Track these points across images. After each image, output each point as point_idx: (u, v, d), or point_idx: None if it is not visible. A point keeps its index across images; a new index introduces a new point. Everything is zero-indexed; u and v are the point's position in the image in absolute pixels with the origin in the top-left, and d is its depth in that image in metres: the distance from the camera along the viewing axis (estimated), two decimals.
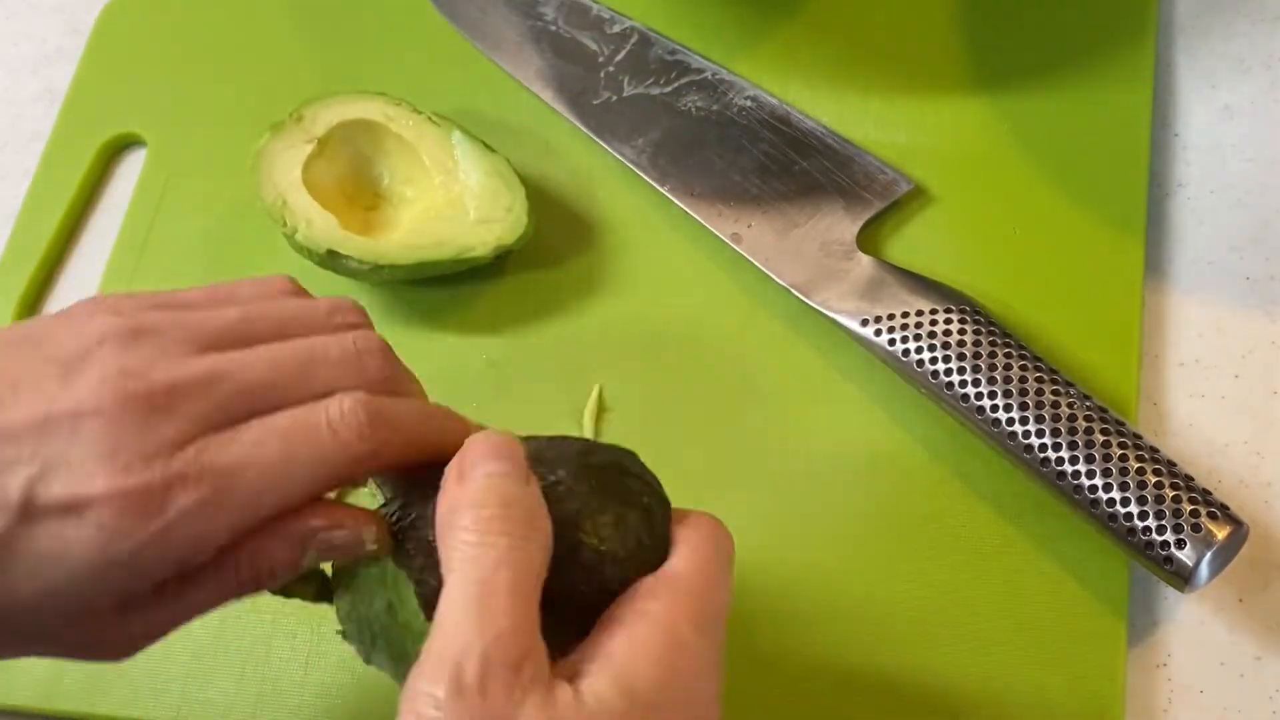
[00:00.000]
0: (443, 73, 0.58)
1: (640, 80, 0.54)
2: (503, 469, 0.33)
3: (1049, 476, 0.42)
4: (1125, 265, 0.48)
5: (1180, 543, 0.40)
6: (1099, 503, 0.41)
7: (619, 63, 0.55)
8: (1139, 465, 0.41)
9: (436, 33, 0.57)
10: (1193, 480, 0.41)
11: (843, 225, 0.49)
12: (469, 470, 0.33)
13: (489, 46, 0.56)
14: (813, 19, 0.56)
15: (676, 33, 0.55)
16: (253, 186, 0.52)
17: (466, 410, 0.38)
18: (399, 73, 0.58)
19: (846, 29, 0.55)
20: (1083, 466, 0.41)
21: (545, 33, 0.56)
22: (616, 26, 0.56)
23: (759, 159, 0.52)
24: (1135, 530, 0.40)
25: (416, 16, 0.58)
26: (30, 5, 0.67)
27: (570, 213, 0.54)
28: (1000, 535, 0.45)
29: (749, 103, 0.53)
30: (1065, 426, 0.42)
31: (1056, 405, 0.42)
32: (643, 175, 0.52)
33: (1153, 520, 0.40)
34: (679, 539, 0.35)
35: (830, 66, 0.55)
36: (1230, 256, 0.49)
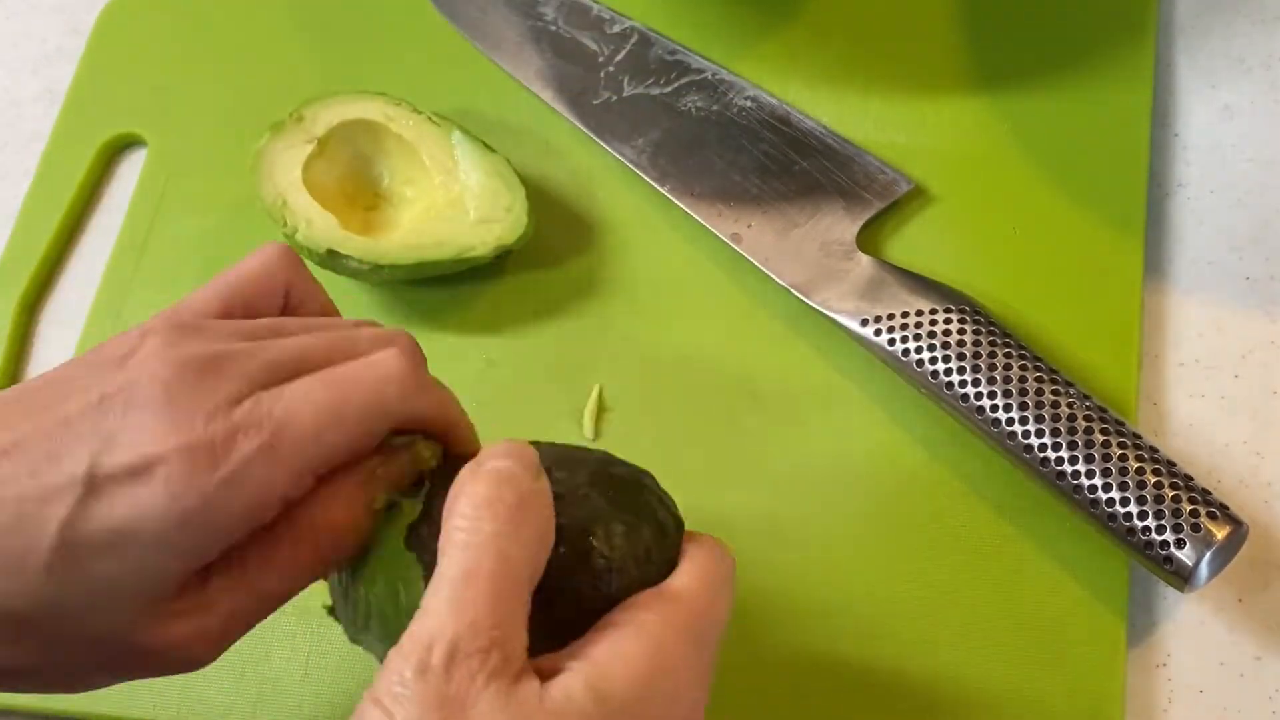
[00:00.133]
0: (443, 73, 0.58)
1: (640, 80, 0.54)
2: (511, 465, 0.33)
3: (1049, 476, 0.42)
4: (1125, 265, 0.48)
5: (1180, 542, 0.40)
6: (1099, 503, 0.41)
7: (619, 63, 0.55)
8: (1139, 465, 0.41)
9: (436, 33, 0.57)
10: (1192, 480, 0.41)
11: (843, 225, 0.49)
12: (481, 465, 0.33)
13: (489, 46, 0.56)
14: (813, 19, 0.56)
15: (676, 33, 0.55)
16: (253, 186, 0.52)
17: (467, 410, 0.38)
18: (399, 73, 0.58)
19: (847, 29, 0.55)
20: (1083, 466, 0.41)
21: (545, 33, 0.56)
22: (616, 26, 0.56)
23: (759, 159, 0.52)
24: (1135, 530, 0.40)
25: (416, 16, 0.58)
26: (30, 5, 0.67)
27: (570, 213, 0.54)
28: (1000, 535, 0.45)
29: (749, 103, 0.53)
30: (1065, 426, 0.42)
31: (1056, 405, 0.42)
32: (643, 175, 0.52)
33: (1152, 520, 0.40)
34: (684, 555, 0.35)
35: (830, 66, 0.55)
36: (1230, 256, 0.49)
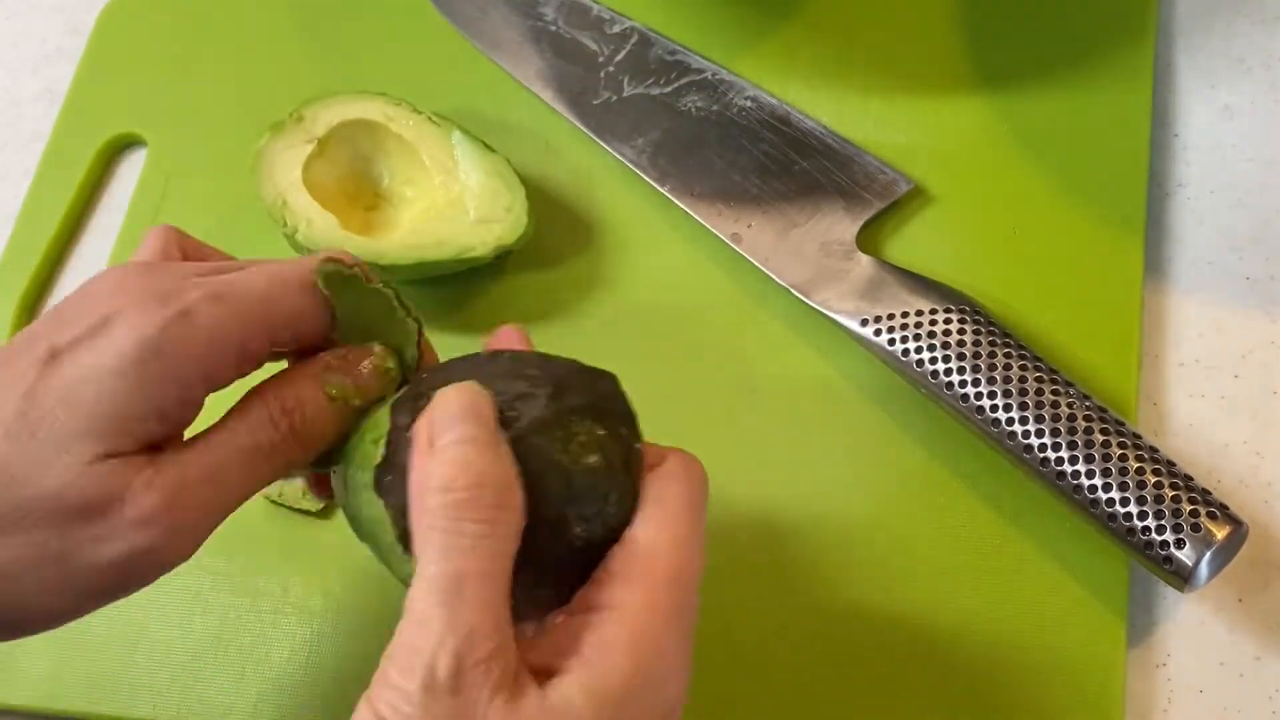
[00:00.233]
0: (443, 73, 0.58)
1: (640, 80, 0.54)
2: (472, 434, 0.32)
3: (1049, 476, 0.42)
4: (1125, 265, 0.48)
5: (1180, 542, 0.40)
6: (1099, 503, 0.41)
7: (619, 63, 0.55)
8: (1139, 465, 0.41)
9: (436, 33, 0.57)
10: (1192, 480, 0.41)
11: (843, 225, 0.49)
12: (438, 436, 0.33)
13: (489, 46, 0.56)
14: (813, 19, 0.56)
15: (676, 33, 0.55)
16: (253, 186, 0.52)
17: None
18: (399, 73, 0.58)
19: (847, 29, 0.55)
20: (1083, 466, 0.41)
21: (545, 33, 0.56)
22: (616, 26, 0.56)
23: (759, 159, 0.52)
24: (1135, 530, 0.40)
25: (416, 16, 0.58)
26: (30, 5, 0.67)
27: (570, 213, 0.54)
28: (1000, 535, 0.45)
29: (749, 103, 0.53)
30: (1065, 426, 0.42)
31: (1056, 405, 0.42)
32: (643, 175, 0.52)
33: (1152, 520, 0.40)
34: (652, 495, 0.34)
35: (830, 66, 0.55)
36: (1230, 256, 0.49)
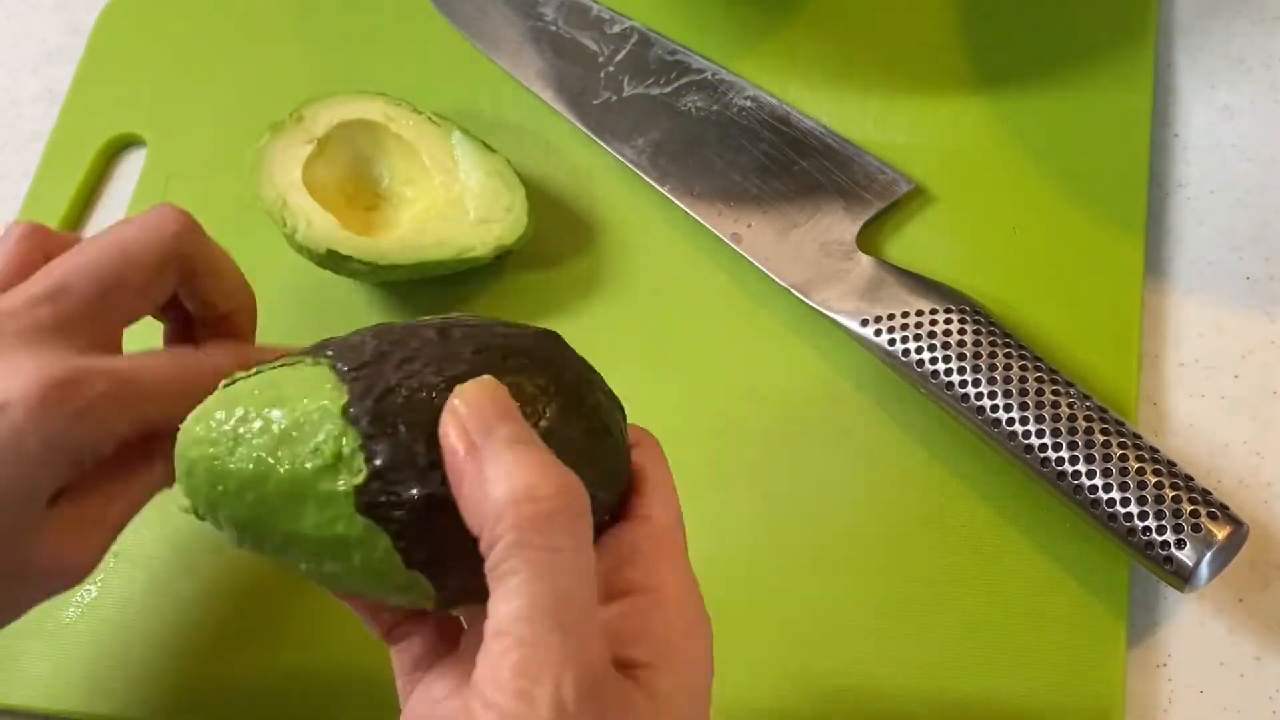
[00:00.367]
0: (443, 73, 0.58)
1: (640, 80, 0.54)
2: (518, 433, 0.30)
3: (1049, 476, 0.42)
4: (1125, 265, 0.48)
5: (1180, 543, 0.40)
6: (1099, 503, 0.41)
7: (619, 63, 0.55)
8: (1139, 465, 0.41)
9: (436, 33, 0.57)
10: (1192, 480, 0.41)
11: (843, 225, 0.49)
12: (484, 438, 0.30)
13: (489, 46, 0.56)
14: (813, 19, 0.56)
15: (676, 33, 0.55)
16: (253, 186, 0.52)
17: None
18: (399, 73, 0.58)
19: (846, 29, 0.55)
20: (1083, 466, 0.41)
21: (545, 33, 0.56)
22: (616, 26, 0.56)
23: (759, 159, 0.52)
24: (1135, 530, 0.40)
25: (416, 16, 0.58)
26: (30, 5, 0.67)
27: (570, 213, 0.54)
28: (1000, 535, 0.45)
29: (749, 103, 0.53)
30: (1065, 426, 0.42)
31: (1056, 405, 0.42)
32: (643, 175, 0.52)
33: (1153, 520, 0.40)
34: (644, 474, 0.35)
35: (830, 66, 0.55)
36: (1230, 256, 0.49)
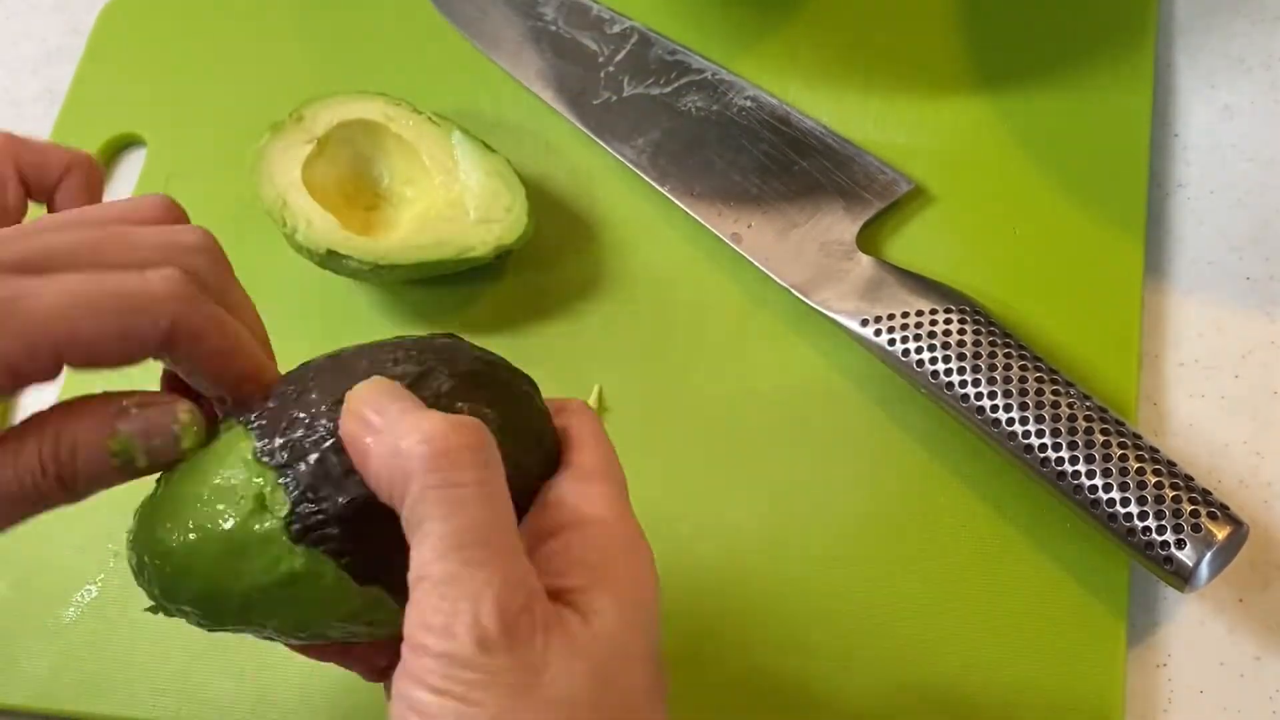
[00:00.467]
0: (443, 73, 0.58)
1: (640, 80, 0.54)
2: (411, 404, 0.31)
3: (1049, 476, 0.42)
4: (1125, 265, 0.48)
5: (1180, 543, 0.40)
6: (1099, 503, 0.41)
7: (619, 63, 0.55)
8: (1139, 465, 0.41)
9: (436, 33, 0.57)
10: (1193, 480, 0.41)
11: (843, 225, 0.49)
12: (374, 414, 0.31)
13: (489, 46, 0.56)
14: (813, 19, 0.56)
15: (676, 33, 0.55)
16: (253, 186, 0.52)
17: None
18: (399, 73, 0.58)
19: (846, 29, 0.55)
20: (1083, 466, 0.41)
21: (545, 33, 0.56)
22: (616, 26, 0.56)
23: (759, 159, 0.52)
24: (1135, 530, 0.40)
25: (416, 16, 0.58)
26: (30, 5, 0.67)
27: (570, 213, 0.54)
28: (1000, 535, 0.45)
29: (749, 103, 0.53)
30: (1065, 426, 0.42)
31: (1056, 405, 0.42)
32: (643, 175, 0.52)
33: (1153, 520, 0.40)
34: (569, 431, 0.35)
35: (830, 66, 0.55)
36: (1230, 256, 0.49)
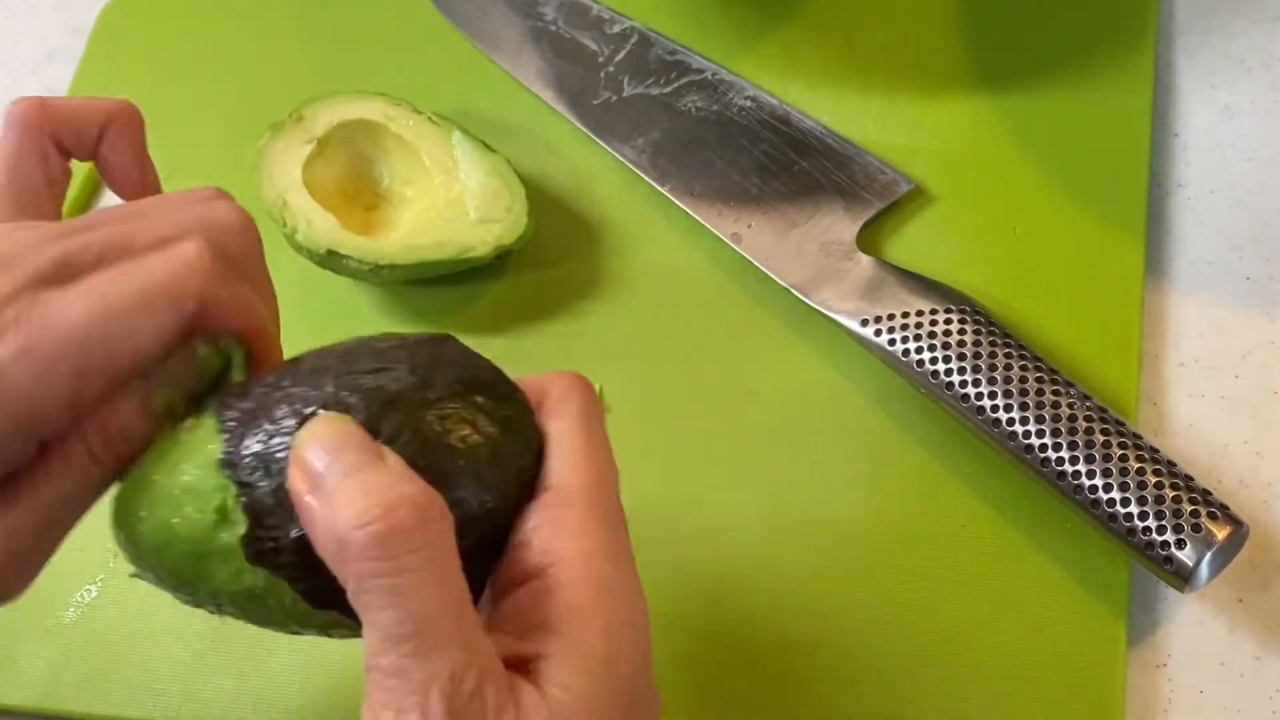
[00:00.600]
0: (443, 73, 0.58)
1: (640, 80, 0.54)
2: (353, 460, 0.29)
3: (1049, 476, 0.42)
4: (1125, 265, 0.48)
5: (1180, 543, 0.40)
6: (1099, 503, 0.41)
7: (619, 63, 0.55)
8: (1139, 465, 0.41)
9: (436, 33, 0.57)
10: (1193, 480, 0.41)
11: (843, 225, 0.49)
12: (323, 475, 0.29)
13: (489, 46, 0.56)
14: (813, 19, 0.56)
15: (676, 33, 0.55)
16: (253, 186, 0.52)
17: None
18: (399, 73, 0.58)
19: (846, 29, 0.55)
20: (1083, 466, 0.41)
21: (545, 33, 0.56)
22: (616, 26, 0.56)
23: (759, 159, 0.52)
24: (1135, 530, 0.40)
25: (416, 16, 0.58)
26: (30, 5, 0.67)
27: (570, 213, 0.54)
28: (1000, 535, 0.45)
29: (749, 103, 0.53)
30: (1065, 426, 0.42)
31: (1056, 405, 0.42)
32: (643, 175, 0.52)
33: (1153, 520, 0.40)
34: (549, 437, 0.33)
35: (830, 66, 0.55)
36: (1230, 256, 0.49)
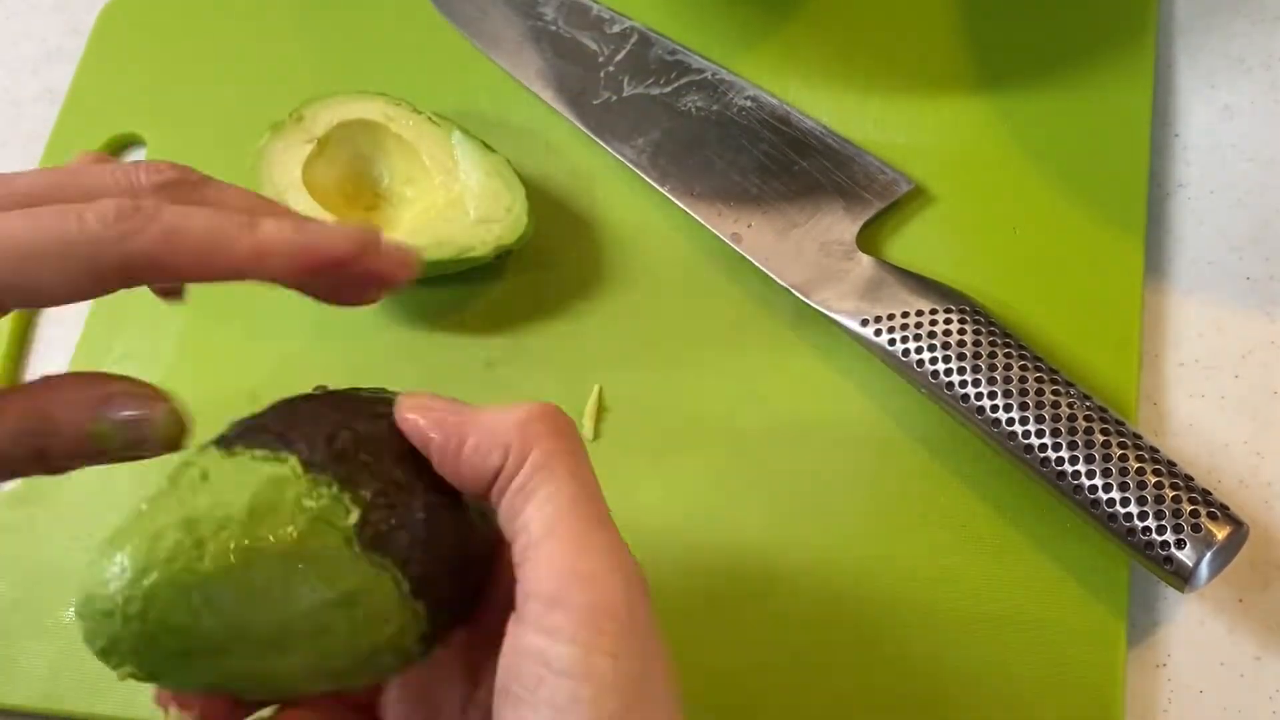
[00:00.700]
0: (443, 73, 0.58)
1: (640, 80, 0.54)
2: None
3: (1049, 476, 0.42)
4: (1125, 265, 0.48)
5: (1180, 543, 0.40)
6: (1099, 503, 0.41)
7: (619, 63, 0.55)
8: (1139, 465, 0.41)
9: (436, 33, 0.57)
10: (1192, 480, 0.41)
11: (843, 225, 0.49)
12: (455, 406, 0.33)
13: (489, 46, 0.56)
14: (813, 19, 0.56)
15: (676, 33, 0.55)
16: (253, 186, 0.52)
17: None
18: (399, 73, 0.58)
19: (846, 29, 0.55)
20: (1083, 466, 0.41)
21: (545, 33, 0.56)
22: (616, 26, 0.56)
23: (759, 159, 0.52)
24: (1135, 530, 0.40)
25: (416, 16, 0.58)
26: (30, 5, 0.67)
27: (570, 213, 0.54)
28: (1000, 535, 0.45)
29: (749, 103, 0.53)
30: (1065, 426, 0.42)
31: (1056, 405, 0.42)
32: (643, 175, 0.52)
33: (1153, 520, 0.40)
34: (516, 540, 0.31)
35: (830, 66, 0.55)
36: (1230, 256, 0.49)
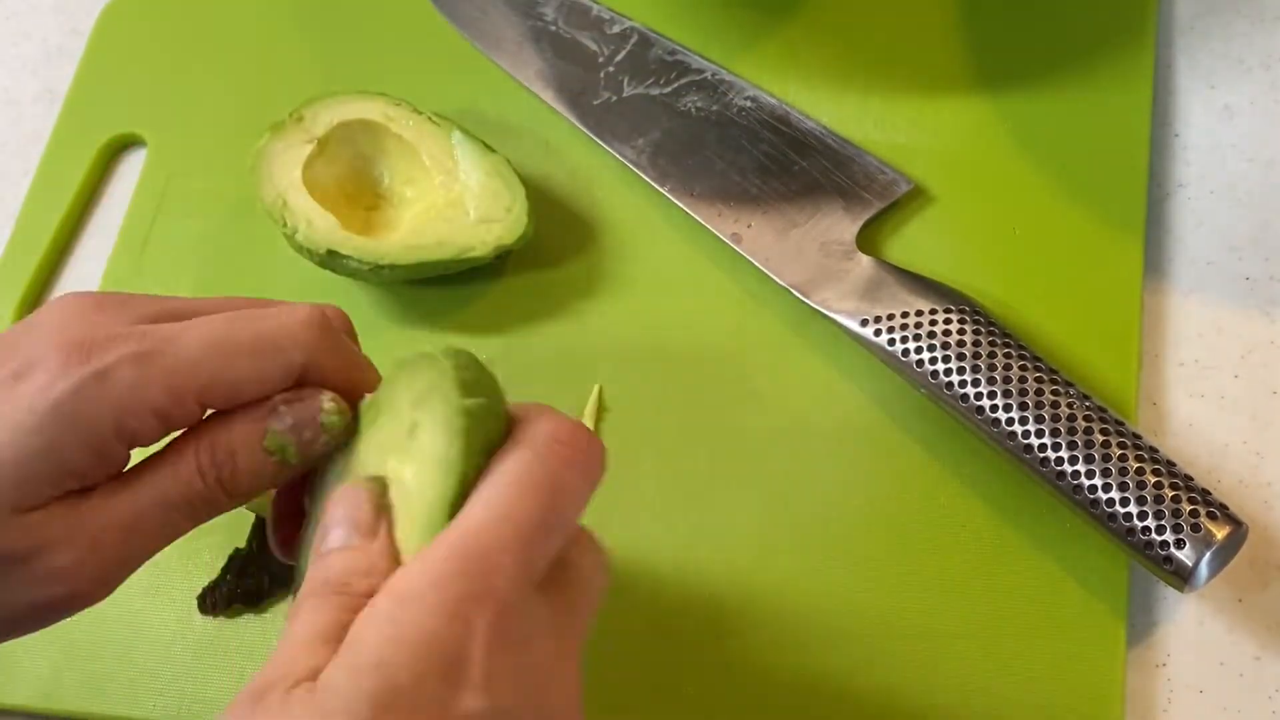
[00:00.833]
0: (443, 73, 0.58)
1: (640, 80, 0.54)
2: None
3: (1049, 476, 0.42)
4: (1125, 265, 0.48)
5: (1180, 543, 0.40)
6: (1099, 503, 0.41)
7: (619, 63, 0.55)
8: (1139, 465, 0.41)
9: (436, 33, 0.57)
10: (1192, 480, 0.41)
11: (843, 225, 0.49)
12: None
13: (489, 46, 0.56)
14: (813, 19, 0.56)
15: (676, 33, 0.55)
16: (253, 186, 0.52)
17: None
18: (399, 73, 0.58)
19: (847, 29, 0.55)
20: (1083, 466, 0.41)
21: (545, 33, 0.56)
22: (616, 26, 0.56)
23: (759, 159, 0.52)
24: (1135, 530, 0.40)
25: (416, 16, 0.58)
26: (30, 5, 0.67)
27: (570, 213, 0.54)
28: (1000, 535, 0.45)
29: (749, 103, 0.53)
30: (1065, 426, 0.42)
31: (1056, 405, 0.42)
32: (643, 175, 0.52)
33: (1152, 520, 0.40)
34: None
35: (830, 66, 0.55)
36: (1230, 256, 0.49)
